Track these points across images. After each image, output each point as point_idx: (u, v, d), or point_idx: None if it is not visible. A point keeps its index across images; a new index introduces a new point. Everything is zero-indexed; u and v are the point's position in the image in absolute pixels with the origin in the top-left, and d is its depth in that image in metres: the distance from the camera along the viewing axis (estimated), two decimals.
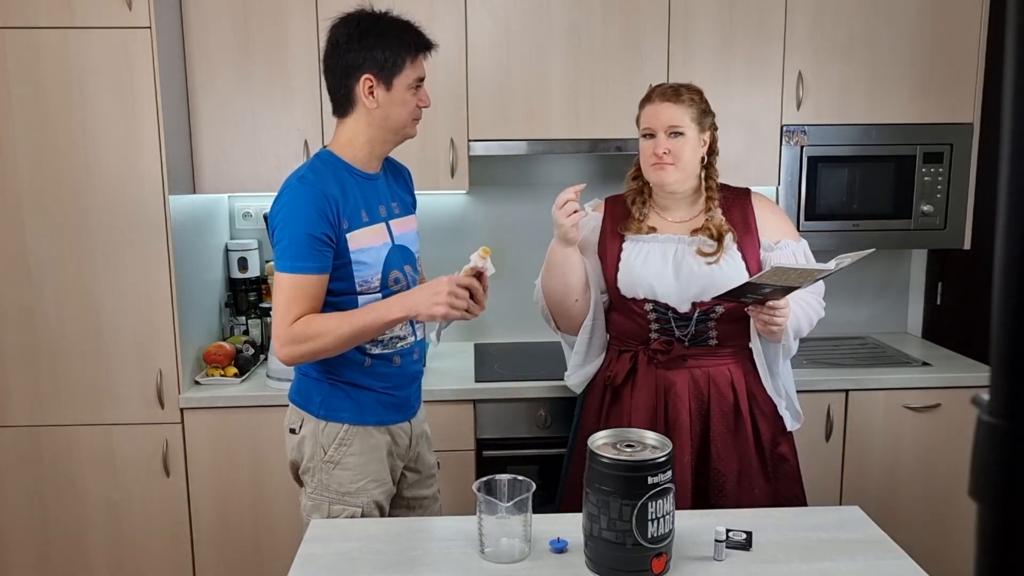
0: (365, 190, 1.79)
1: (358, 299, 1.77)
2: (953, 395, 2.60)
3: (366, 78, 1.73)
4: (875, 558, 1.54)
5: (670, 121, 1.88)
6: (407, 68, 1.75)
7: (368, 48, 1.72)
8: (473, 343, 3.04)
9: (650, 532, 1.42)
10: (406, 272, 1.85)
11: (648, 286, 1.91)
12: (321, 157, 1.79)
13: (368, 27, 1.74)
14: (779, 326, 1.79)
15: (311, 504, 1.83)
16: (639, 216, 1.97)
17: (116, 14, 2.31)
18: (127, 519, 2.52)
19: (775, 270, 1.63)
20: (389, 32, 1.74)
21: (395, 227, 1.85)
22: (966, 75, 2.71)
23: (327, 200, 1.68)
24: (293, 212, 1.68)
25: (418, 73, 1.78)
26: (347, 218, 1.73)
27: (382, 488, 1.84)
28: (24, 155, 2.34)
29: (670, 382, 1.93)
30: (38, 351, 2.43)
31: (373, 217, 1.79)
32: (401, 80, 1.75)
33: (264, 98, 2.58)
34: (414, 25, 1.79)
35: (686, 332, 1.92)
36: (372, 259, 1.77)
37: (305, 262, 1.67)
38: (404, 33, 1.76)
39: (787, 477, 1.98)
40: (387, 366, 1.83)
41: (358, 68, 1.73)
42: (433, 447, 2.05)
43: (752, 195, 2.00)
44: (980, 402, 0.56)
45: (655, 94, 1.92)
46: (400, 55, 1.74)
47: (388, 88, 1.74)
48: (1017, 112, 0.52)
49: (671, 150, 1.87)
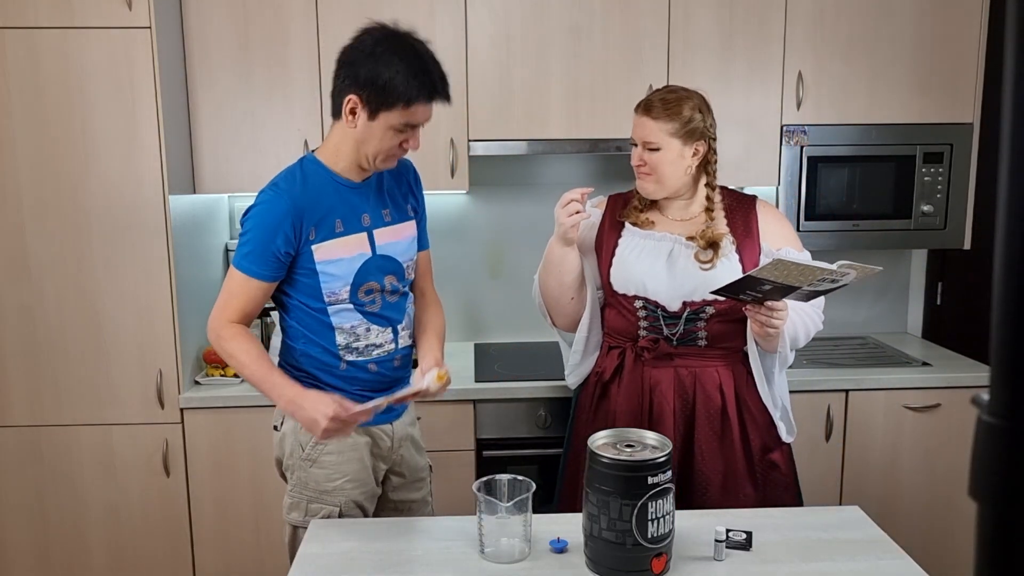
0: (347, 198, 1.75)
1: (328, 309, 1.76)
2: (953, 395, 2.60)
3: (350, 98, 1.65)
4: (875, 558, 1.54)
5: (644, 136, 1.89)
6: (397, 110, 1.64)
7: (372, 70, 1.63)
8: (473, 343, 3.04)
9: (650, 532, 1.42)
10: (386, 283, 1.80)
11: (640, 282, 1.91)
12: (304, 164, 1.76)
13: (385, 50, 1.64)
14: (776, 328, 1.77)
15: (291, 502, 1.83)
16: (641, 206, 1.97)
17: (116, 14, 2.31)
18: (127, 519, 2.52)
19: (776, 263, 1.61)
20: (401, 66, 1.62)
21: (381, 236, 1.79)
22: (966, 75, 2.71)
23: (293, 212, 1.68)
24: (258, 219, 1.70)
25: (410, 119, 1.66)
26: (316, 229, 1.71)
27: (361, 488, 1.83)
28: (24, 155, 2.34)
29: (656, 380, 1.93)
30: (38, 351, 2.43)
31: (350, 227, 1.74)
32: (387, 118, 1.65)
33: (264, 98, 2.58)
34: (433, 68, 1.66)
35: (674, 331, 1.92)
36: (341, 271, 1.74)
37: (254, 266, 1.70)
38: (416, 75, 1.63)
39: (778, 485, 1.96)
40: (363, 372, 1.82)
41: (353, 83, 1.65)
42: (426, 449, 2.04)
43: (758, 202, 2.00)
44: (980, 402, 0.56)
45: (640, 105, 1.92)
46: (396, 95, 1.62)
47: (371, 117, 1.65)
48: (1017, 112, 0.52)
49: (647, 162, 1.89)
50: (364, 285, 1.77)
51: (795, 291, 1.70)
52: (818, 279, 1.65)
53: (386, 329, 1.82)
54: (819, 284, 1.68)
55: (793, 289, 1.69)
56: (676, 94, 1.90)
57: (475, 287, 3.03)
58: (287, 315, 1.81)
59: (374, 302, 1.80)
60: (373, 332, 1.80)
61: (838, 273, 1.63)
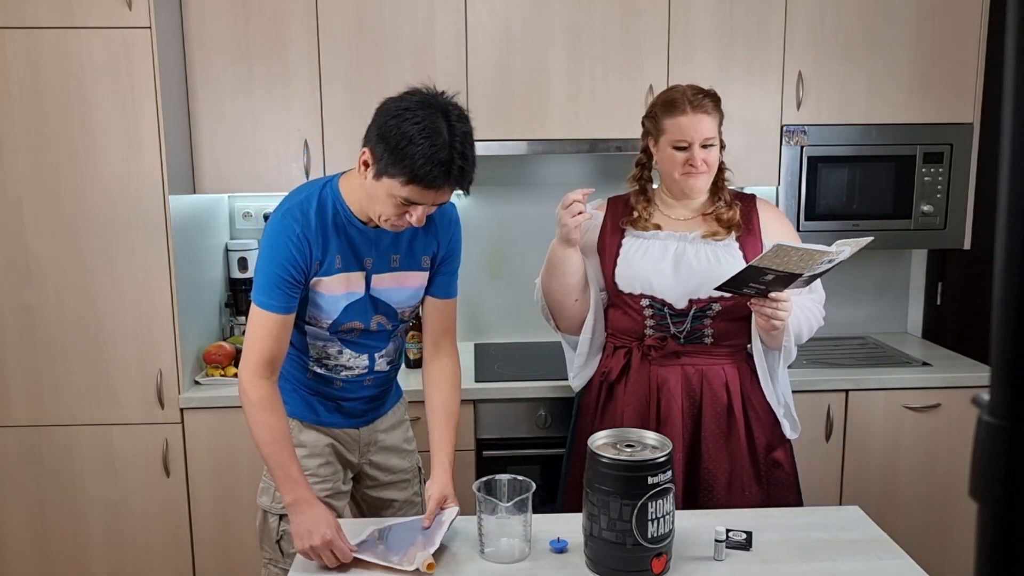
0: (354, 238, 1.69)
1: (305, 328, 1.73)
2: (953, 395, 2.60)
3: (364, 150, 1.57)
4: (875, 558, 1.54)
5: (706, 134, 1.88)
6: (398, 180, 1.51)
7: (393, 130, 1.50)
8: (473, 343, 3.04)
9: (650, 532, 1.42)
10: (372, 323, 1.76)
11: (646, 280, 1.91)
12: (323, 193, 1.68)
13: (416, 115, 1.50)
14: (782, 320, 1.78)
15: (262, 486, 1.83)
16: (645, 215, 1.97)
17: (116, 14, 2.31)
18: (127, 519, 2.52)
19: (776, 248, 1.62)
20: (418, 141, 1.48)
21: (380, 281, 1.73)
22: (966, 75, 2.71)
23: (303, 243, 1.63)
24: (269, 247, 1.65)
25: (410, 197, 1.53)
26: (321, 262, 1.67)
27: (324, 484, 1.81)
28: (24, 155, 2.34)
29: (663, 378, 1.93)
30: (38, 351, 2.43)
31: (348, 265, 1.69)
32: (388, 186, 1.53)
33: (264, 98, 2.58)
34: (455, 158, 1.50)
35: (681, 329, 1.92)
36: (327, 305, 1.70)
37: (270, 299, 1.64)
38: (430, 159, 1.48)
39: (781, 484, 1.96)
40: (329, 385, 1.81)
41: (374, 136, 1.55)
42: (418, 450, 2.02)
43: (758, 200, 2.01)
44: (980, 402, 0.56)
45: (686, 104, 1.87)
46: (401, 167, 1.50)
47: (376, 177, 1.55)
48: (1017, 112, 0.52)
49: (706, 160, 1.89)
50: (348, 324, 1.74)
51: (796, 279, 1.70)
52: (817, 262, 1.66)
53: (362, 355, 1.80)
54: (817, 267, 1.69)
55: (795, 277, 1.69)
56: (706, 89, 1.93)
57: (475, 287, 3.03)
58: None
59: (353, 331, 1.77)
60: (345, 355, 1.79)
61: (835, 253, 1.64)
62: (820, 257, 1.63)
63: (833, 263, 1.69)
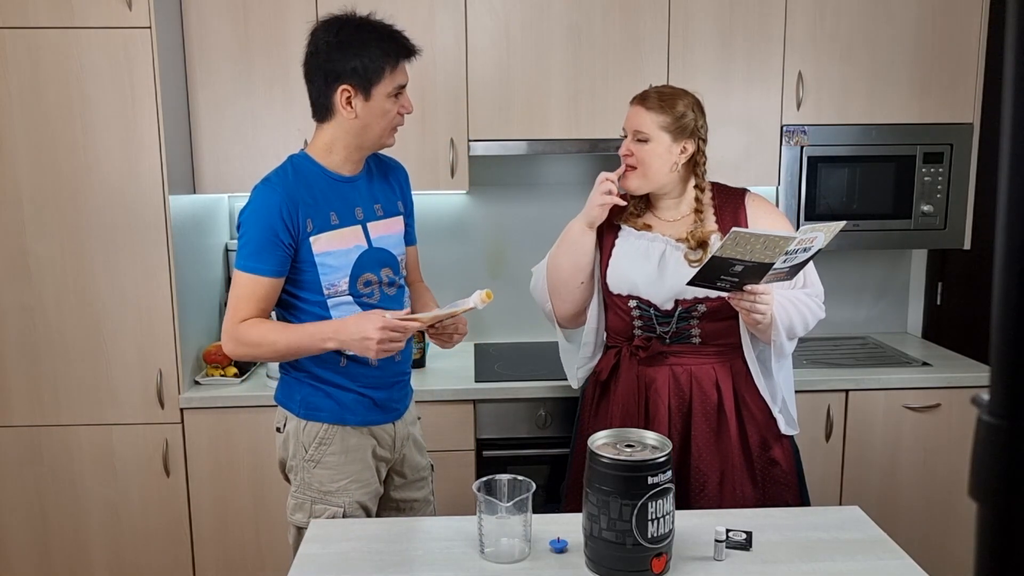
0: (340, 192, 1.78)
1: (328, 302, 1.77)
2: (953, 395, 2.60)
3: (344, 88, 1.71)
4: (875, 558, 1.54)
5: (636, 126, 1.89)
6: (387, 77, 1.72)
7: (347, 57, 1.69)
8: (473, 343, 3.04)
9: (650, 532, 1.42)
10: (382, 275, 1.83)
11: (632, 283, 1.92)
12: (294, 161, 1.79)
13: (348, 35, 1.70)
14: (763, 314, 1.76)
15: (294, 503, 1.83)
16: (636, 211, 1.98)
17: (116, 14, 2.31)
18: (127, 519, 2.52)
19: (734, 235, 1.57)
20: (369, 40, 1.70)
21: (374, 229, 1.82)
22: (966, 75, 2.71)
23: (288, 203, 1.70)
24: (254, 213, 1.71)
25: (399, 81, 1.74)
26: (312, 220, 1.72)
27: (365, 489, 1.83)
28: (24, 155, 2.34)
29: (650, 378, 1.93)
30: (38, 351, 2.43)
31: (345, 220, 1.77)
32: (381, 89, 1.72)
33: (264, 98, 2.58)
34: (397, 31, 1.76)
35: (667, 330, 1.92)
36: (339, 262, 1.76)
37: (259, 263, 1.70)
38: (385, 40, 1.72)
39: (779, 483, 1.95)
40: (364, 367, 1.82)
41: (337, 78, 1.71)
42: (427, 449, 2.04)
43: (747, 195, 1.99)
44: (980, 402, 0.56)
45: (636, 96, 1.94)
46: (379, 64, 1.70)
47: (367, 98, 1.72)
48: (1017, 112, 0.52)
49: (633, 153, 1.89)
50: (362, 276, 1.79)
51: (771, 269, 1.65)
52: (787, 250, 1.60)
53: None
54: (794, 256, 1.64)
55: (767, 267, 1.64)
56: (672, 90, 1.93)
57: (475, 287, 3.01)
58: (287, 313, 1.81)
59: (372, 294, 1.81)
60: None
61: (806, 240, 1.59)
62: (784, 243, 1.58)
63: (811, 251, 1.65)
